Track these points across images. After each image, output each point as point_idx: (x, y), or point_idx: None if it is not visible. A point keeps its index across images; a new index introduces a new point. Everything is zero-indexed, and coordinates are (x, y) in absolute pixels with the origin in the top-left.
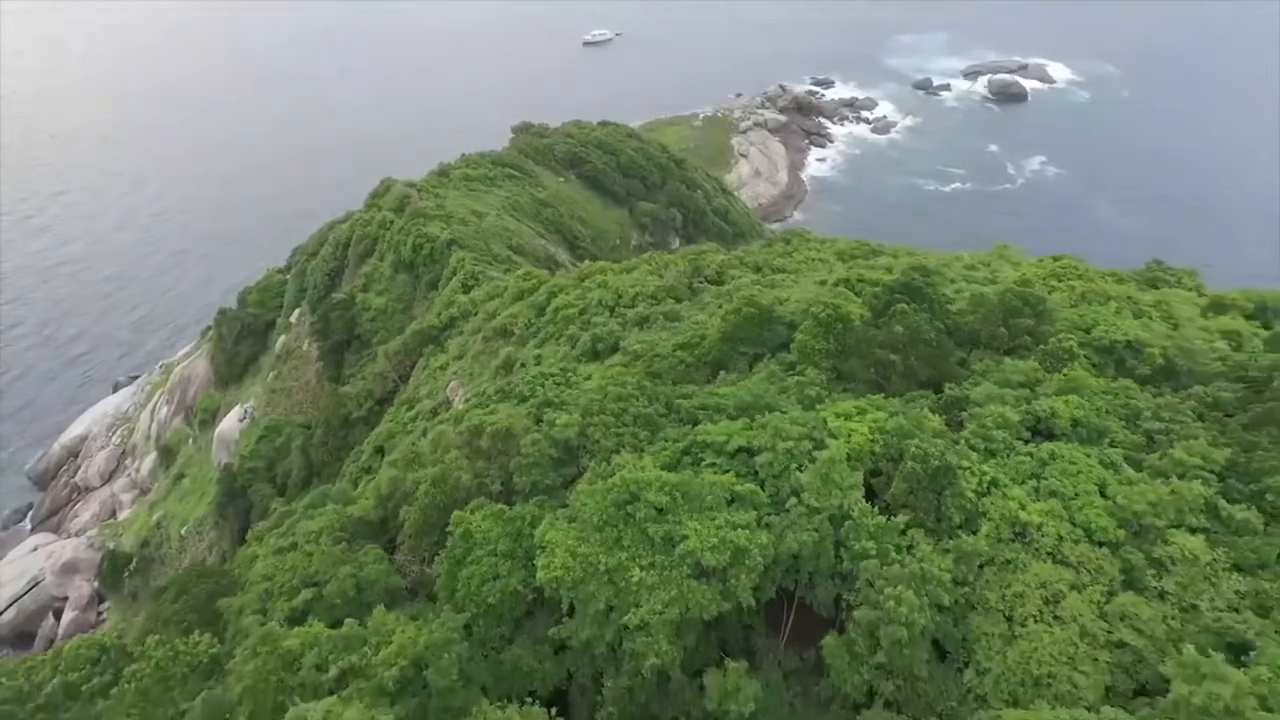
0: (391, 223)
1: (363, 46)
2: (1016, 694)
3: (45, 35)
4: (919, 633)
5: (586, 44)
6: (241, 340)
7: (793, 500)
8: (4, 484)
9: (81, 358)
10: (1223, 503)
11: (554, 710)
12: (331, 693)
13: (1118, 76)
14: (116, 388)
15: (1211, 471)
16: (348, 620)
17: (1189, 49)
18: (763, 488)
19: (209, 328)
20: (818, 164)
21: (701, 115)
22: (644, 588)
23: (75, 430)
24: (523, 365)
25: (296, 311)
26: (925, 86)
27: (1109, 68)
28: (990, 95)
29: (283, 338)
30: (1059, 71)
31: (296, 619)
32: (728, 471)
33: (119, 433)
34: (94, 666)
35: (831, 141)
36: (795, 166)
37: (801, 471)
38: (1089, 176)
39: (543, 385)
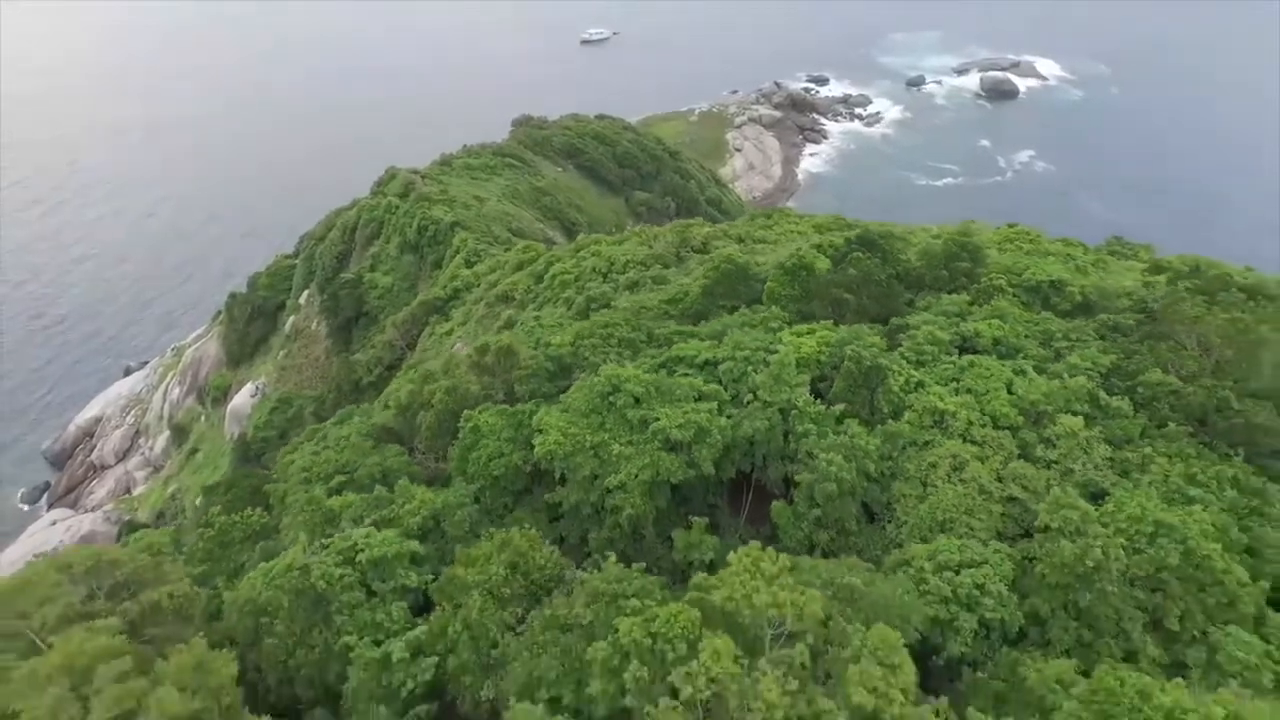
0: (397, 207)
1: (364, 45)
2: (925, 536)
3: (54, 33)
4: (848, 489)
5: (584, 42)
6: (252, 321)
7: (749, 396)
8: (23, 464)
9: (94, 345)
10: (1102, 394)
11: None
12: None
13: (1108, 74)
14: (128, 372)
15: (1098, 372)
16: (377, 488)
17: (1180, 48)
18: (725, 389)
19: (219, 311)
20: (811, 159)
21: (697, 111)
22: (622, 459)
23: (90, 412)
24: (522, 324)
25: (305, 293)
26: (918, 84)
27: (1100, 66)
28: (982, 92)
29: (292, 318)
30: (1050, 69)
31: (333, 493)
32: (696, 377)
33: (133, 413)
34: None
35: (826, 137)
36: (789, 161)
37: (757, 375)
38: (1077, 171)
39: (540, 328)
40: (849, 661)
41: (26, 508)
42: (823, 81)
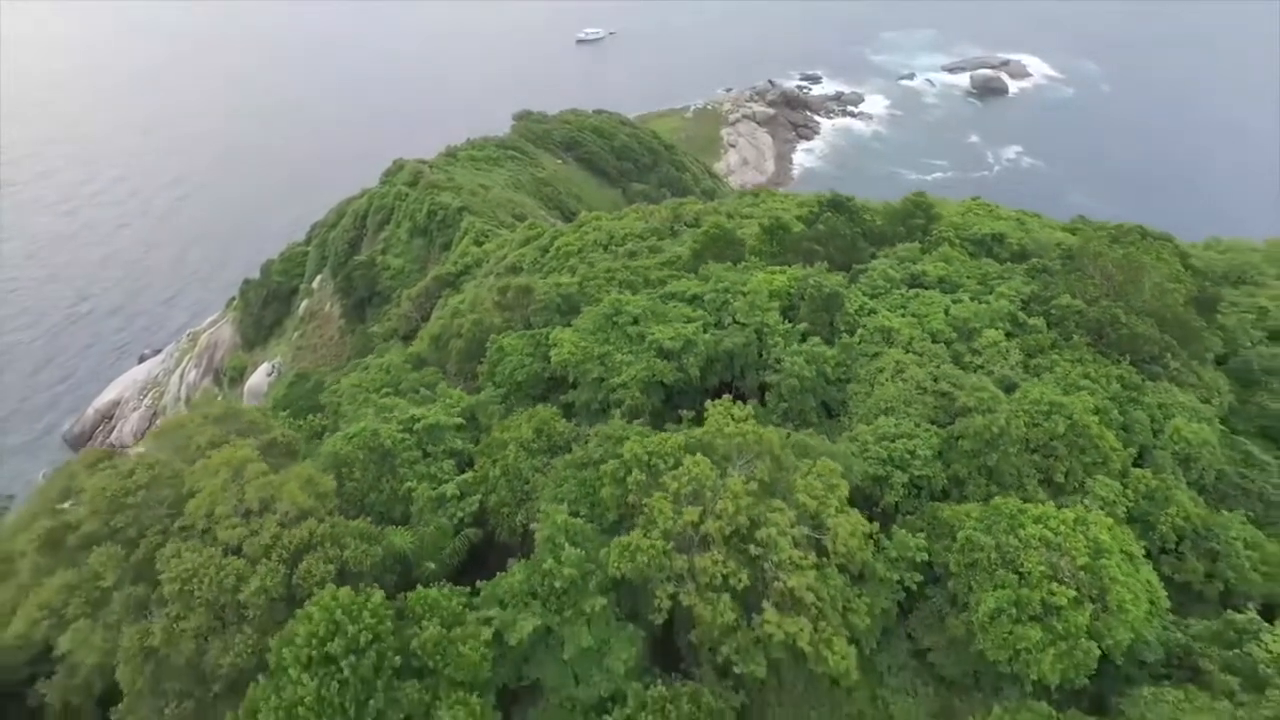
0: (406, 195)
1: (368, 45)
2: (869, 420)
3: (65, 34)
4: (809, 386)
5: (580, 42)
6: (267, 305)
7: (729, 320)
8: (44, 447)
9: (111, 333)
10: (1021, 314)
11: None
12: None
13: (1098, 73)
14: (142, 359)
15: (1019, 298)
16: (422, 390)
17: (1171, 47)
18: (709, 315)
19: (233, 298)
20: (804, 154)
21: (692, 108)
22: (624, 364)
23: (108, 396)
24: None
25: (318, 277)
26: (909, 80)
27: (1090, 64)
28: (972, 90)
29: (306, 301)
30: (1040, 67)
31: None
32: (685, 307)
33: (150, 395)
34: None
35: (818, 134)
36: (782, 156)
37: (736, 303)
38: (1064, 165)
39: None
40: (798, 479)
41: None
42: (816, 79)
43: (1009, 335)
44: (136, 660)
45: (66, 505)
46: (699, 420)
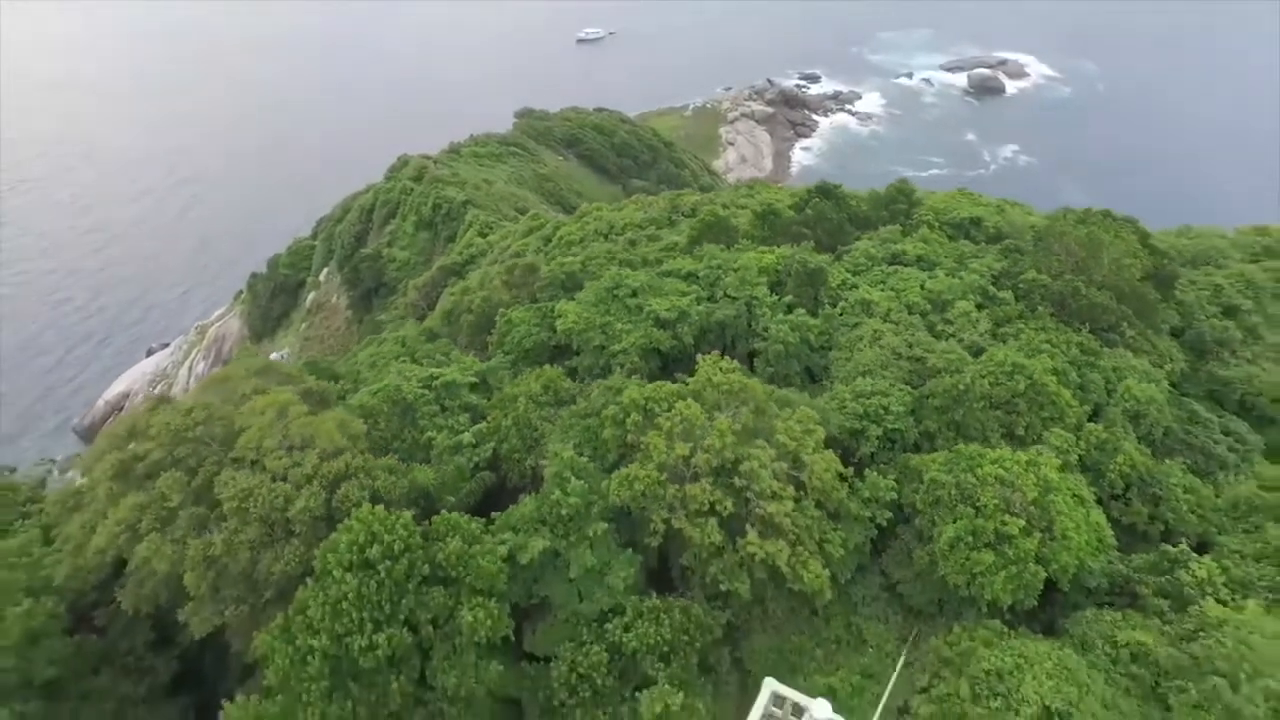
0: (411, 189)
1: (371, 44)
2: (848, 381)
3: (67, 29)
4: (793, 351)
5: (580, 41)
6: (274, 298)
7: (721, 294)
8: (54, 439)
9: (120, 327)
10: (990, 288)
11: None
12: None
13: (1095, 71)
14: (150, 353)
15: (990, 274)
16: (437, 355)
17: (1169, 46)
18: (703, 290)
19: (240, 291)
20: (803, 152)
21: (691, 106)
22: (623, 333)
23: (117, 388)
24: None
25: (325, 270)
26: (907, 80)
27: (1087, 63)
28: (969, 89)
29: (312, 294)
30: (1037, 67)
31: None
32: (681, 283)
33: (159, 387)
34: None
35: (816, 132)
36: (780, 154)
37: (727, 278)
38: (1059, 163)
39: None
40: (778, 423)
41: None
42: (814, 79)
43: (979, 307)
44: (200, 568)
45: (131, 445)
46: None
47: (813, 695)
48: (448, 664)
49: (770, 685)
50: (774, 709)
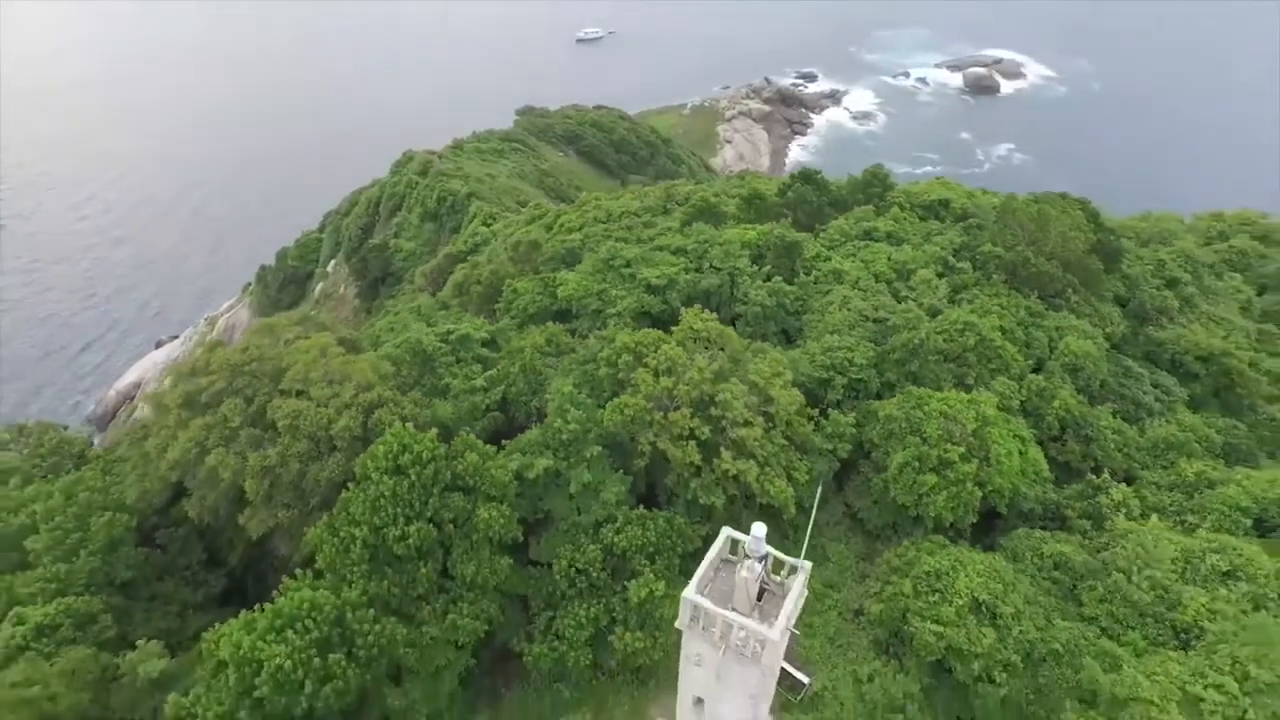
0: (417, 183)
1: (374, 43)
2: (819, 338)
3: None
4: (770, 314)
5: (579, 41)
6: (283, 288)
7: (707, 265)
8: (70, 428)
9: (132, 320)
10: (951, 259)
11: None
12: None
13: (1090, 70)
14: (159, 345)
15: (951, 246)
16: (450, 322)
17: (1166, 44)
18: (691, 262)
19: (249, 283)
20: (799, 150)
21: (689, 105)
22: (618, 298)
23: (129, 378)
24: None
25: (333, 262)
26: (903, 79)
27: (1082, 62)
28: (965, 88)
29: (320, 284)
30: (1033, 66)
31: None
32: (670, 256)
33: (170, 378)
34: None
35: (813, 130)
36: (778, 152)
37: (713, 251)
38: (1053, 161)
39: None
40: (750, 364)
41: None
42: (811, 78)
43: (940, 275)
44: (258, 477)
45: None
46: None
47: None
48: (465, 556)
49: (726, 531)
50: (729, 555)
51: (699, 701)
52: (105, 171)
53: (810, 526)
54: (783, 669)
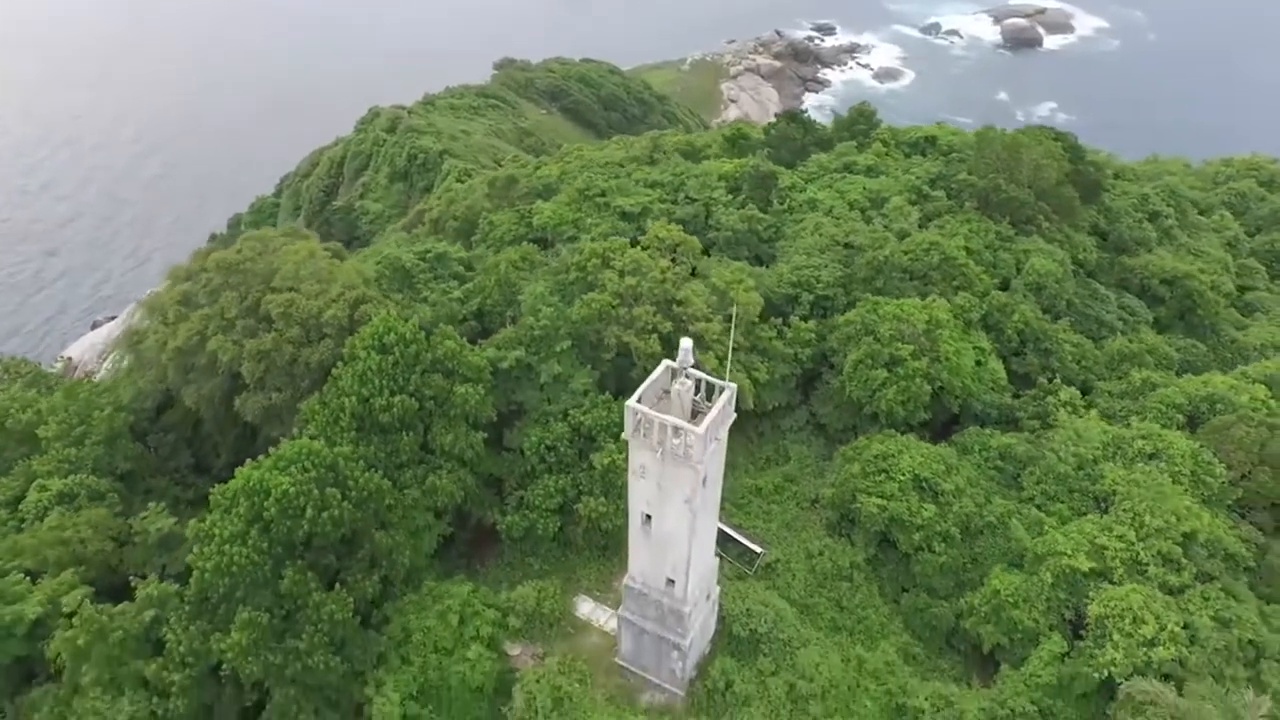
0: (385, 140)
1: None
2: (789, 259)
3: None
4: (742, 239)
5: None
6: None
7: (682, 197)
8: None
9: (66, 298)
10: (925, 188)
11: None
12: None
13: (1144, 21)
14: (95, 326)
15: (928, 177)
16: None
17: None
18: (665, 193)
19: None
20: (813, 111)
21: (690, 60)
22: (593, 226)
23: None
24: None
25: (291, 226)
26: (933, 32)
27: (1134, 12)
28: (1003, 42)
29: None
30: (1078, 16)
31: None
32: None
33: (109, 359)
34: None
35: (828, 88)
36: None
37: (689, 182)
38: (1100, 121)
39: None
40: (713, 269)
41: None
42: (828, 30)
43: (913, 203)
44: (254, 359)
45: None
46: None
47: (742, 496)
48: (444, 429)
49: (665, 363)
50: (667, 386)
51: (647, 520)
52: (34, 135)
53: (730, 348)
54: (736, 539)
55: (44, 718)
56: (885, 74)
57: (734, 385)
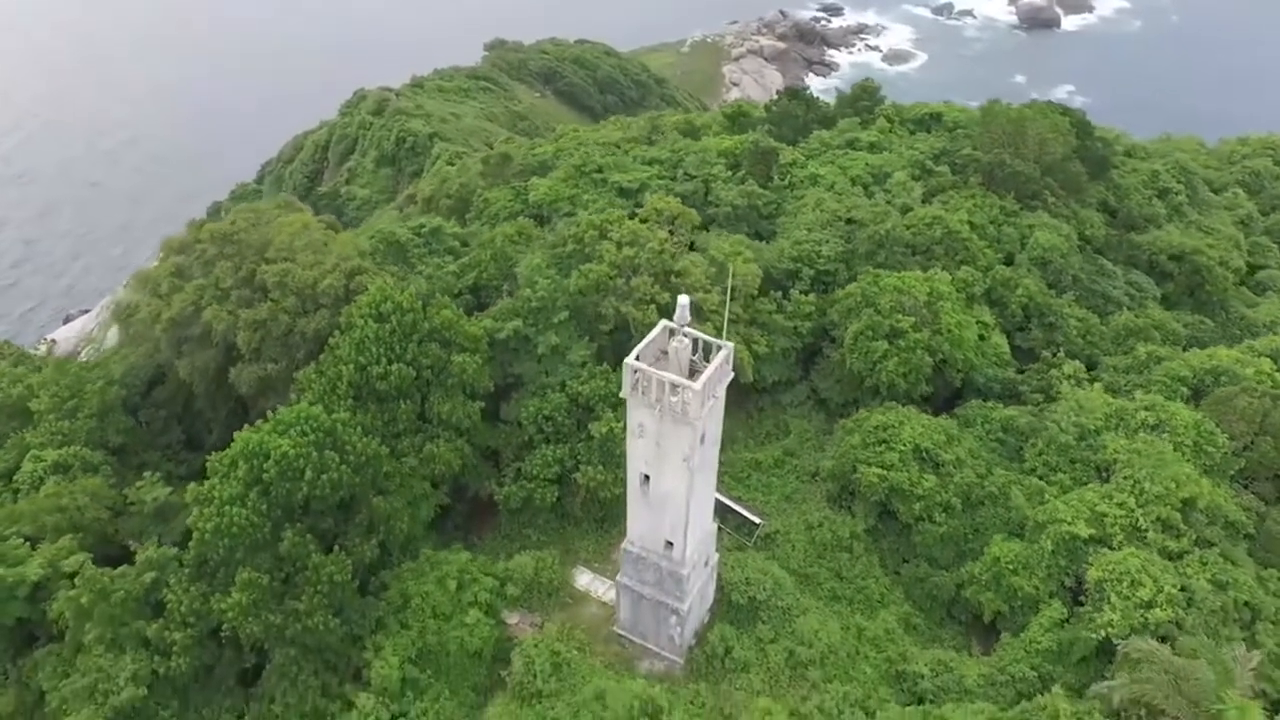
0: (371, 124)
1: None
2: (789, 234)
3: None
4: (742, 215)
5: None
6: None
7: (681, 173)
8: None
9: (41, 290)
10: (929, 163)
11: None
12: None
13: (1166, 1)
14: (68, 320)
15: (931, 151)
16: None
17: None
18: (664, 170)
19: None
20: (819, 94)
21: (690, 41)
22: (590, 202)
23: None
24: None
25: (284, 197)
26: (945, 13)
27: None
28: (1020, 23)
29: None
30: None
31: None
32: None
33: (85, 352)
34: None
35: (836, 72)
36: None
37: (689, 159)
38: (1119, 104)
39: None
40: (711, 241)
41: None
42: (835, 10)
43: (915, 178)
44: (250, 329)
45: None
46: None
47: (741, 469)
48: (441, 397)
49: (663, 322)
50: (665, 346)
51: (645, 480)
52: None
53: (726, 318)
54: (736, 510)
55: (47, 675)
56: (895, 56)
57: (731, 344)
